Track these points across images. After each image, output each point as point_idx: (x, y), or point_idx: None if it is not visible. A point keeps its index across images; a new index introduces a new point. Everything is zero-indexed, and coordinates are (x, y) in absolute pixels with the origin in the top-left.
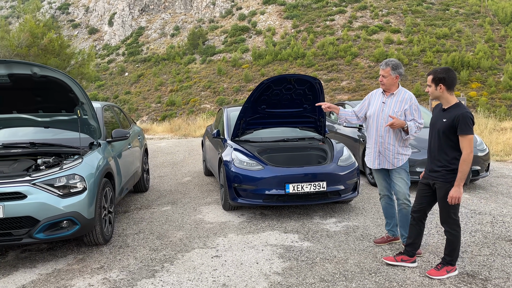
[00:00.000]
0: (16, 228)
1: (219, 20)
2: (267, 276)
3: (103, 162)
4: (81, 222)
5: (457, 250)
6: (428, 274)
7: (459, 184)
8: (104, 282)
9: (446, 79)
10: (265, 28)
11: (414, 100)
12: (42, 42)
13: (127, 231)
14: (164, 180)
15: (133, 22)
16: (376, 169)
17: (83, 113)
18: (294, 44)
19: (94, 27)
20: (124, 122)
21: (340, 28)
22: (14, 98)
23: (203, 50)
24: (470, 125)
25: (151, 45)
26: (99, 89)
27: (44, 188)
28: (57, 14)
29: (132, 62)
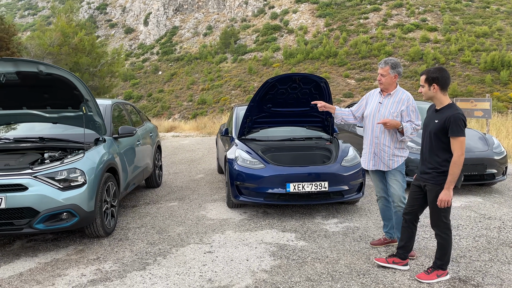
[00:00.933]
0: (17, 218)
1: (251, 19)
2: (254, 273)
3: (106, 157)
4: (80, 215)
5: (448, 254)
6: (418, 277)
7: (448, 187)
8: (96, 272)
9: (440, 79)
10: (297, 27)
11: (412, 101)
12: (73, 41)
13: (130, 225)
14: (178, 176)
15: (168, 22)
16: (372, 170)
17: (88, 110)
18: (326, 42)
19: (130, 27)
20: (136, 119)
21: (374, 26)
22: (23, 94)
23: (235, 49)
24: (461, 127)
25: (184, 44)
26: (133, 87)
27: (45, 181)
28: (95, 14)
29: (166, 61)
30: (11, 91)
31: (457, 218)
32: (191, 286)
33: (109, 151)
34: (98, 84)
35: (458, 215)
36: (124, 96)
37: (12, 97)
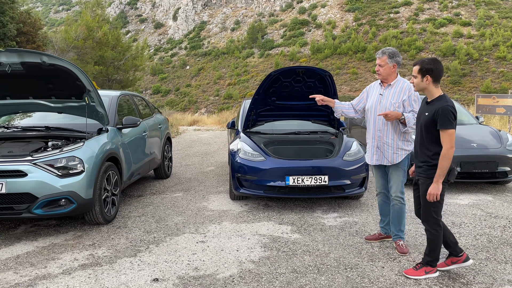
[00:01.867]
0: (17, 203)
1: (279, 14)
2: (241, 263)
3: (106, 146)
4: (78, 201)
5: (438, 251)
6: (405, 273)
7: (437, 180)
8: (88, 257)
9: (434, 71)
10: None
11: (414, 91)
12: (97, 35)
13: (132, 213)
14: (189, 168)
15: (196, 17)
16: (375, 165)
17: (91, 100)
18: (354, 37)
19: (160, 22)
20: (144, 111)
21: (405, 21)
22: (29, 84)
23: (262, 44)
24: (450, 119)
25: (212, 39)
26: (162, 82)
27: (44, 168)
28: (126, 9)
29: (193, 56)
30: (18, 81)
31: (461, 216)
32: (177, 273)
33: (111, 141)
34: (122, 78)
35: (463, 213)
36: (152, 90)
37: (19, 87)
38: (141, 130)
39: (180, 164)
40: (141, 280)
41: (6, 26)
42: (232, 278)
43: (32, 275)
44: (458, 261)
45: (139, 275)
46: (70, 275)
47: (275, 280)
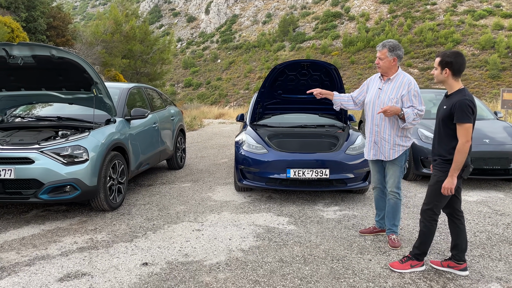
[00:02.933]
0: (25, 188)
1: (311, 6)
2: (230, 252)
3: (112, 136)
4: (82, 188)
5: (427, 245)
6: (390, 266)
7: (452, 174)
8: (87, 241)
9: (454, 64)
10: (358, 14)
11: (414, 85)
12: (124, 29)
13: (138, 202)
14: (203, 160)
15: (228, 10)
16: (372, 160)
17: (98, 92)
18: (388, 30)
19: (192, 16)
20: (156, 103)
21: (442, 13)
22: (40, 76)
23: (293, 37)
24: (467, 113)
25: (243, 33)
26: (193, 75)
27: (51, 156)
28: (160, 3)
29: (225, 49)
30: (30, 74)
31: (466, 212)
32: (166, 259)
33: (117, 131)
34: (150, 71)
35: (468, 209)
36: (184, 83)
37: (32, 79)
38: (151, 122)
39: (195, 156)
40: (131, 263)
41: (37, 21)
42: (218, 265)
43: (32, 256)
44: (455, 267)
45: (130, 259)
46: (67, 256)
47: (260, 268)
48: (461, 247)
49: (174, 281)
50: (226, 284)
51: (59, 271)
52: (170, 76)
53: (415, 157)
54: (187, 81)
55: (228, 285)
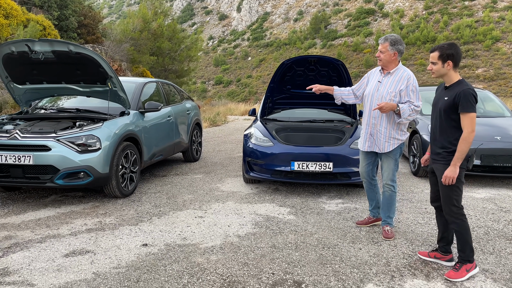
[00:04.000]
0: (42, 174)
1: (344, 3)
2: (226, 237)
3: (125, 128)
4: (94, 175)
5: (470, 243)
6: (447, 277)
7: (455, 163)
8: (96, 224)
9: (455, 55)
10: (392, 10)
11: (413, 80)
12: (152, 27)
13: (149, 190)
14: (219, 154)
15: (259, 8)
16: (365, 151)
17: (113, 86)
18: (424, 27)
19: (224, 14)
20: (172, 97)
21: (481, 9)
22: (60, 71)
23: (325, 34)
24: (472, 102)
25: (274, 30)
26: (224, 72)
27: (66, 144)
28: (193, 2)
29: (256, 47)
30: (51, 68)
31: (470, 208)
32: (165, 241)
33: (130, 123)
34: (177, 68)
35: (473, 206)
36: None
37: (52, 73)
38: (165, 115)
39: (212, 150)
40: (132, 244)
41: (68, 19)
42: (212, 248)
43: (45, 234)
44: (441, 258)
45: (132, 240)
46: (75, 236)
47: (251, 253)
48: (448, 240)
49: (168, 261)
50: (216, 265)
51: (66, 248)
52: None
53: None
54: (218, 78)
55: (218, 266)
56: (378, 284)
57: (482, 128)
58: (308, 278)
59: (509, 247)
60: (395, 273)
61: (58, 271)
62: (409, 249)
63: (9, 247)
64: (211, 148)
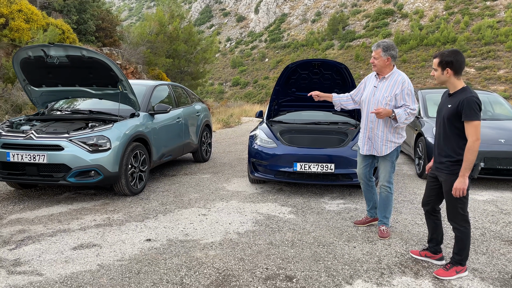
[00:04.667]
0: (55, 172)
1: (362, 4)
2: (226, 234)
3: (134, 129)
4: (104, 174)
5: (467, 249)
6: (436, 274)
7: (463, 174)
8: (104, 219)
9: (454, 63)
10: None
11: (408, 84)
12: (168, 30)
13: (158, 189)
14: (229, 154)
15: (277, 9)
16: (364, 154)
17: (123, 89)
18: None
19: (242, 15)
20: (182, 99)
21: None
22: (74, 74)
23: (342, 35)
24: (475, 110)
25: (292, 32)
26: (241, 74)
27: (78, 144)
28: (211, 3)
29: (273, 49)
30: (65, 72)
31: (470, 210)
32: (168, 237)
33: (140, 124)
34: (193, 70)
35: (473, 207)
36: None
37: (67, 76)
38: (175, 116)
39: (223, 151)
40: (137, 239)
41: (87, 23)
42: (212, 244)
43: (56, 229)
44: (432, 257)
45: (137, 235)
46: (84, 231)
47: (248, 249)
48: (437, 240)
49: (169, 255)
50: (213, 259)
51: (74, 241)
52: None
53: (429, 157)
54: (235, 80)
55: (215, 260)
56: (367, 280)
57: (487, 131)
58: (300, 273)
59: (503, 248)
60: (385, 270)
61: (65, 262)
62: (402, 248)
63: (22, 240)
64: (222, 149)
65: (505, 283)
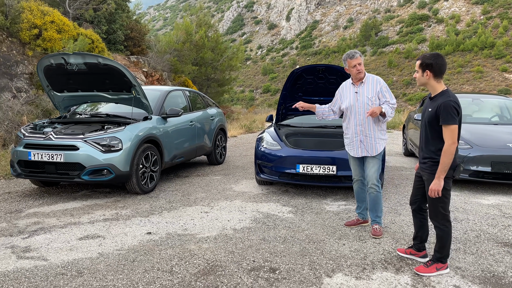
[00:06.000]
0: (71, 170)
1: (396, 10)
2: (223, 229)
3: (145, 131)
4: (116, 172)
5: (447, 247)
6: (416, 270)
7: (439, 176)
8: (113, 215)
9: (433, 66)
10: (448, 16)
11: (383, 82)
12: (194, 39)
13: (168, 188)
14: (244, 158)
15: (309, 16)
16: (354, 156)
17: (137, 93)
18: (481, 32)
19: (273, 23)
20: (196, 104)
21: None
22: (92, 80)
23: (375, 41)
24: (452, 114)
25: (323, 38)
26: (272, 81)
27: (92, 144)
28: (243, 12)
29: (304, 55)
30: (84, 78)
31: (471, 213)
32: (168, 231)
33: (152, 127)
34: (219, 77)
35: (475, 211)
36: (262, 89)
37: (85, 82)
38: (188, 120)
39: (239, 154)
40: (138, 232)
41: (116, 33)
42: (207, 237)
43: (67, 222)
44: (415, 255)
45: (140, 229)
46: (92, 224)
47: (240, 243)
48: (421, 238)
49: (165, 246)
50: (205, 252)
51: (81, 233)
52: (250, 82)
53: None
54: (266, 87)
55: (207, 252)
56: (347, 274)
57: (496, 136)
58: (284, 266)
59: (494, 249)
60: (368, 266)
61: (70, 250)
62: (391, 247)
63: (35, 230)
64: (238, 153)
65: (484, 281)
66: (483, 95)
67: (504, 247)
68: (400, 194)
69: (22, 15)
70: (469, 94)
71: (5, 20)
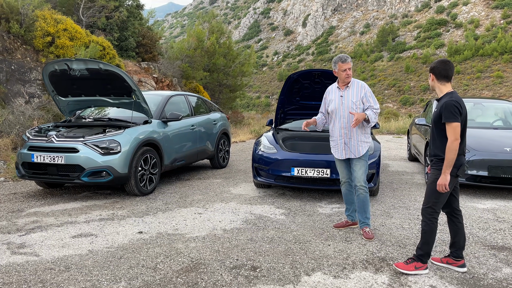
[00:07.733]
0: (71, 172)
1: (414, 15)
2: (213, 230)
3: (144, 134)
4: (114, 174)
5: (430, 246)
6: (395, 265)
7: (445, 171)
8: (109, 215)
9: (435, 69)
10: (466, 20)
11: (367, 87)
12: (205, 45)
13: (167, 191)
14: (247, 162)
15: (325, 22)
16: (341, 159)
17: (137, 98)
18: (501, 37)
19: (290, 29)
20: (198, 109)
21: None
22: (95, 85)
23: (392, 47)
24: (454, 113)
25: (340, 44)
26: None
27: (91, 147)
28: (259, 19)
29: (320, 61)
30: (87, 83)
31: (465, 217)
32: (159, 231)
33: (151, 130)
34: (231, 83)
35: (468, 215)
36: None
37: (88, 87)
38: (189, 124)
39: (244, 159)
40: (130, 231)
41: (127, 40)
42: (196, 237)
43: (64, 221)
44: (453, 264)
45: (132, 228)
46: (88, 223)
47: (227, 243)
48: (459, 245)
49: (153, 245)
50: (191, 250)
51: (75, 231)
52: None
53: None
54: None
55: (193, 251)
56: (326, 273)
57: (494, 140)
58: (266, 265)
59: (479, 252)
60: (348, 265)
61: (62, 247)
62: (376, 248)
63: (32, 228)
64: (243, 157)
65: (462, 282)
66: (485, 100)
67: (490, 250)
68: (395, 198)
69: (36, 23)
70: (472, 99)
71: (19, 28)
